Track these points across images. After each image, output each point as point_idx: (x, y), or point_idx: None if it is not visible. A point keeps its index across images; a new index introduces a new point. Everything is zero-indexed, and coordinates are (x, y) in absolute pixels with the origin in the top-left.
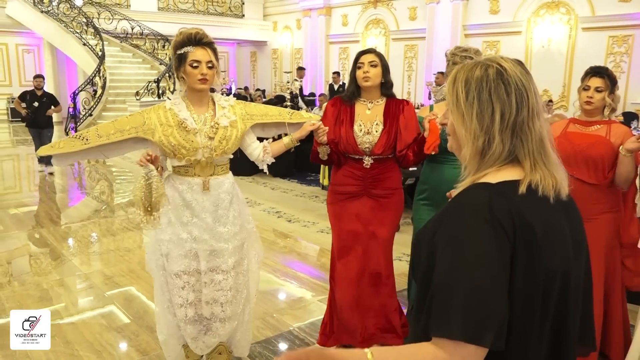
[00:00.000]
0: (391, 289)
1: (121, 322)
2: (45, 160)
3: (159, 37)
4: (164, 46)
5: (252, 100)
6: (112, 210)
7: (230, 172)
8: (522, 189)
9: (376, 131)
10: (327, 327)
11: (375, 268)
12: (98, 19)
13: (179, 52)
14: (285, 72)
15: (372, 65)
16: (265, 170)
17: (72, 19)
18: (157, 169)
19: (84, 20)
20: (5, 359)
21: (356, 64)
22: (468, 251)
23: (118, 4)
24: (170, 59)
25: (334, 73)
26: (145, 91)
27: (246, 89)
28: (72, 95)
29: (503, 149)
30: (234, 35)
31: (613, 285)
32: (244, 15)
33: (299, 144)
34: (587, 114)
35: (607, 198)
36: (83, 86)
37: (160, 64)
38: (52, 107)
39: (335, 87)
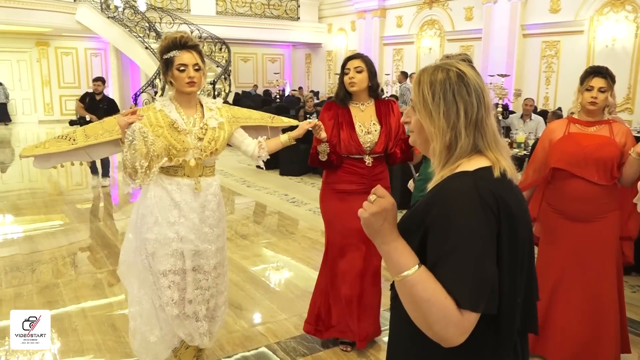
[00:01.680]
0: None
1: None
2: (103, 172)
3: (217, 40)
4: (220, 49)
5: (304, 102)
6: None
7: (217, 175)
8: (497, 173)
9: (375, 130)
10: (322, 321)
11: (377, 266)
12: (160, 23)
13: (165, 56)
14: (337, 74)
15: (357, 71)
16: (262, 165)
17: (135, 23)
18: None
19: (147, 25)
20: (61, 345)
21: (343, 70)
22: (467, 232)
23: (179, 9)
24: (226, 61)
25: (401, 73)
26: (202, 92)
27: (300, 89)
28: (134, 96)
29: (469, 142)
30: (289, 38)
31: (620, 281)
32: (299, 18)
33: (295, 142)
34: (590, 114)
35: (613, 197)
36: (144, 88)
37: (217, 66)
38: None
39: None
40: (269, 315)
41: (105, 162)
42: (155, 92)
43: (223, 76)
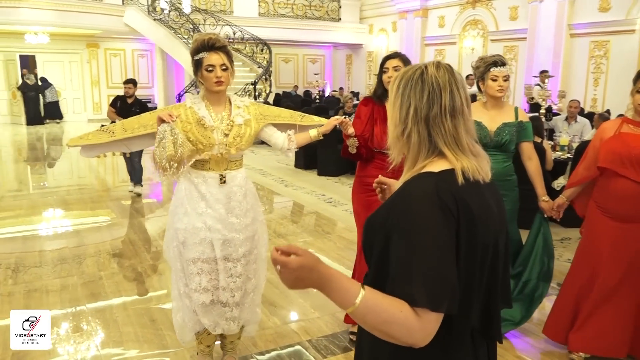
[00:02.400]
0: None
1: None
2: (135, 179)
3: (258, 42)
4: (262, 50)
5: (343, 103)
6: None
7: (244, 168)
8: (459, 176)
9: None
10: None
11: None
12: (204, 25)
13: (195, 58)
14: (376, 75)
15: (396, 70)
16: (292, 156)
17: (180, 25)
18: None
19: (191, 26)
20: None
21: (382, 68)
22: (424, 231)
23: (222, 11)
24: (267, 62)
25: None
26: (243, 92)
27: (341, 89)
28: (178, 96)
29: (421, 139)
30: (330, 39)
31: None
32: (340, 19)
33: (322, 138)
34: None
35: None
36: (188, 88)
37: (259, 67)
38: None
39: None
40: (302, 313)
41: (138, 170)
42: (198, 92)
43: (264, 77)
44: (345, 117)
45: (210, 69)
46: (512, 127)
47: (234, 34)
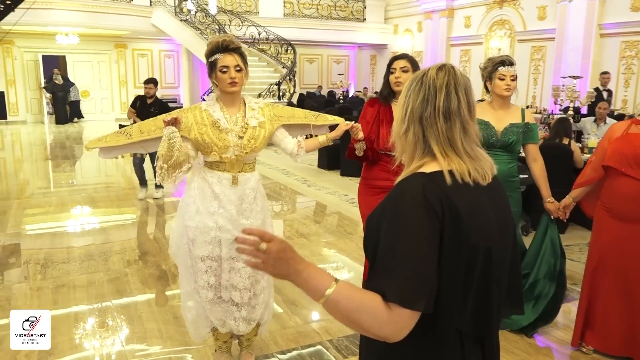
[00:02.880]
0: None
1: None
2: (146, 184)
3: (283, 42)
4: (286, 50)
5: None
6: None
7: (257, 170)
8: (447, 178)
9: None
10: None
11: None
12: (229, 25)
13: (210, 59)
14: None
15: (403, 71)
16: (299, 161)
17: (206, 26)
18: (178, 131)
19: (217, 27)
20: (130, 332)
21: (389, 69)
22: (405, 229)
23: (248, 12)
24: (291, 62)
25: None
26: (267, 93)
27: (365, 89)
28: (203, 96)
29: (416, 139)
30: (355, 39)
31: None
32: (365, 19)
33: (332, 143)
34: None
35: None
36: (212, 88)
37: (283, 67)
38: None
39: None
40: (323, 313)
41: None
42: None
43: (288, 77)
44: (356, 123)
45: (225, 70)
46: (519, 128)
47: (259, 34)
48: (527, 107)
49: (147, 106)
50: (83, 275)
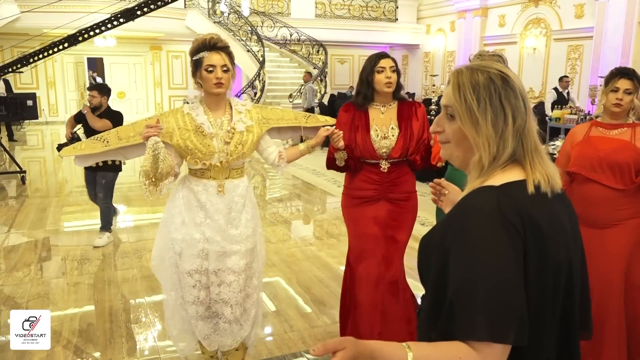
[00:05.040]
0: (411, 293)
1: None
2: (103, 226)
3: (314, 43)
4: (318, 51)
5: None
6: (264, 204)
7: (246, 176)
8: (530, 188)
9: (392, 135)
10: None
11: (394, 275)
12: (261, 27)
13: (194, 57)
14: (432, 76)
15: (392, 71)
16: (282, 173)
17: (239, 27)
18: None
19: (249, 28)
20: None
21: (374, 68)
22: (484, 253)
23: (280, 13)
24: (322, 63)
25: (306, 72)
26: (298, 93)
27: None
28: (234, 96)
29: (511, 152)
30: (386, 39)
31: (634, 291)
32: (397, 19)
33: (314, 150)
34: (614, 116)
35: (633, 203)
36: (245, 89)
37: (314, 68)
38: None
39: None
40: None
41: (104, 211)
42: (255, 93)
43: (319, 78)
44: (337, 130)
45: (211, 69)
46: None
47: (291, 35)
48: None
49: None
50: (118, 272)
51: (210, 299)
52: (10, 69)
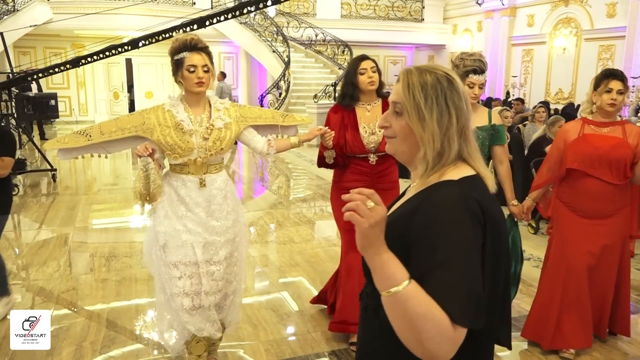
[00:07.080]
0: None
1: (286, 309)
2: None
3: (340, 43)
4: (343, 52)
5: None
6: (288, 204)
7: (224, 170)
8: (488, 180)
9: (379, 131)
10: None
11: None
12: (287, 27)
13: (176, 57)
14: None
15: (373, 71)
16: (270, 161)
17: (265, 28)
18: (153, 161)
19: (275, 29)
20: None
21: (357, 71)
22: (456, 243)
23: (305, 14)
24: (347, 63)
25: (220, 72)
26: (323, 94)
27: None
28: (260, 97)
29: (457, 150)
30: (412, 40)
31: (624, 274)
32: (423, 19)
33: (303, 145)
34: (607, 115)
35: (623, 194)
36: (270, 89)
37: (339, 68)
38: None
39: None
40: None
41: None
42: (280, 94)
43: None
44: (328, 129)
45: (192, 69)
46: (485, 131)
47: (316, 35)
48: None
49: None
50: (144, 269)
51: (193, 291)
52: (83, 61)
